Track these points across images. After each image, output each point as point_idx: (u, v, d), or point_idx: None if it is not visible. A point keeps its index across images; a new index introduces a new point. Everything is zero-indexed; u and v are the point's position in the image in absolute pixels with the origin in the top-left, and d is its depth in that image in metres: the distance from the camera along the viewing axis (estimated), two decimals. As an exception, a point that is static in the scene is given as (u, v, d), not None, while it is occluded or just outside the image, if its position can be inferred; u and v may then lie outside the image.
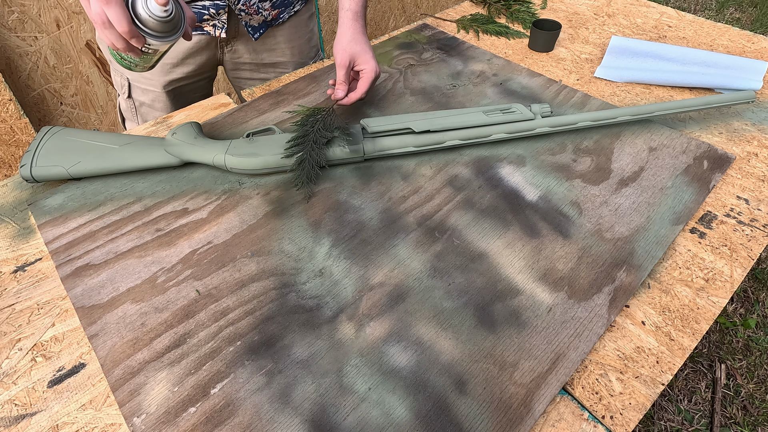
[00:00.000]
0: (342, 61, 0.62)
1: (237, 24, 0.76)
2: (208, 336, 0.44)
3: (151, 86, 0.78)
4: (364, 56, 0.62)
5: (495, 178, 0.59)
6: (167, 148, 0.59)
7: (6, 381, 0.41)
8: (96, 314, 0.45)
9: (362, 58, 0.62)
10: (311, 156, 0.57)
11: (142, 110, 0.81)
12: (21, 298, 0.48)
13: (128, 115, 0.83)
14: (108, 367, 0.41)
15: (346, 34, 0.62)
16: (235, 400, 0.39)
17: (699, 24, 0.91)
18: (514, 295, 0.47)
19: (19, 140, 1.17)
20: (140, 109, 0.81)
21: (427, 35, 0.88)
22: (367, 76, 0.63)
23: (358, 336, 0.44)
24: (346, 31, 0.63)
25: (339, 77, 0.62)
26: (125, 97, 0.80)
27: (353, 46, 0.62)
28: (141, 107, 0.81)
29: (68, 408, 0.40)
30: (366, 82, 0.63)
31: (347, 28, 0.63)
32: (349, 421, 0.38)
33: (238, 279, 0.48)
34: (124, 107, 0.83)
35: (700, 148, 0.63)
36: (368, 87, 0.63)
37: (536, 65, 0.81)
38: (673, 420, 1.07)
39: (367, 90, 0.63)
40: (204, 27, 0.74)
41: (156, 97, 0.79)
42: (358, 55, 0.62)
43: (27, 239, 0.53)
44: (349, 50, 0.62)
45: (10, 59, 1.15)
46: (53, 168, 0.57)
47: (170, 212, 0.55)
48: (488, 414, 0.39)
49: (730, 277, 0.50)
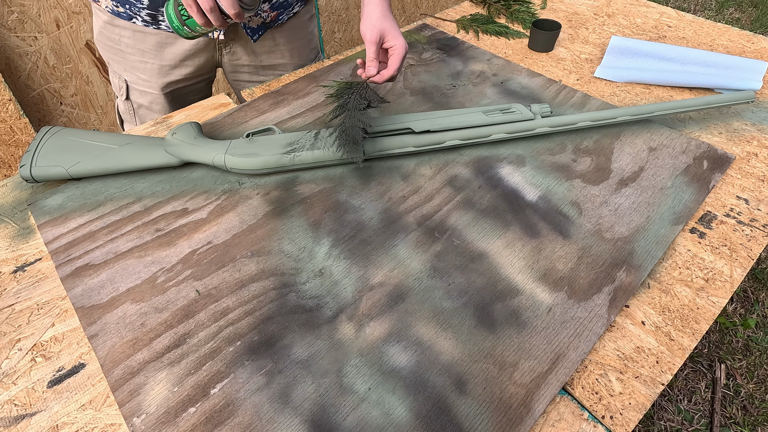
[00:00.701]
0: (372, 38, 0.61)
1: (235, 26, 0.76)
2: (207, 336, 0.44)
3: (150, 88, 0.78)
4: (393, 32, 0.62)
5: (495, 178, 0.59)
6: (167, 148, 0.59)
7: (6, 381, 0.41)
8: (96, 314, 0.45)
9: (392, 35, 0.62)
10: (352, 120, 0.57)
11: (140, 112, 0.81)
12: (21, 298, 0.48)
13: (126, 117, 0.83)
14: (108, 368, 0.41)
15: (375, 11, 0.62)
16: (235, 400, 0.39)
17: (699, 24, 0.91)
18: (513, 295, 0.47)
19: (19, 140, 1.17)
20: (138, 111, 0.81)
21: (427, 35, 0.88)
22: (398, 53, 0.62)
23: (357, 336, 0.44)
24: (375, 8, 0.62)
25: (369, 54, 0.61)
26: (123, 99, 0.80)
27: (383, 22, 0.61)
28: (139, 109, 0.81)
29: (68, 408, 0.40)
30: (398, 59, 0.62)
31: (375, 6, 0.62)
32: (349, 421, 0.38)
33: (237, 279, 0.48)
34: (122, 109, 0.82)
35: (699, 148, 0.63)
36: (400, 64, 0.62)
37: (536, 65, 0.81)
38: (673, 420, 1.07)
39: (399, 68, 0.62)
40: None
41: (154, 99, 0.79)
42: (387, 31, 0.61)
43: (27, 239, 0.53)
44: (379, 26, 0.61)
45: (9, 59, 1.15)
46: (53, 168, 0.57)
47: (170, 212, 0.55)
48: (488, 414, 0.39)
49: (729, 277, 0.50)
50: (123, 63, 0.76)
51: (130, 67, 0.76)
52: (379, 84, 0.66)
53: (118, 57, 0.75)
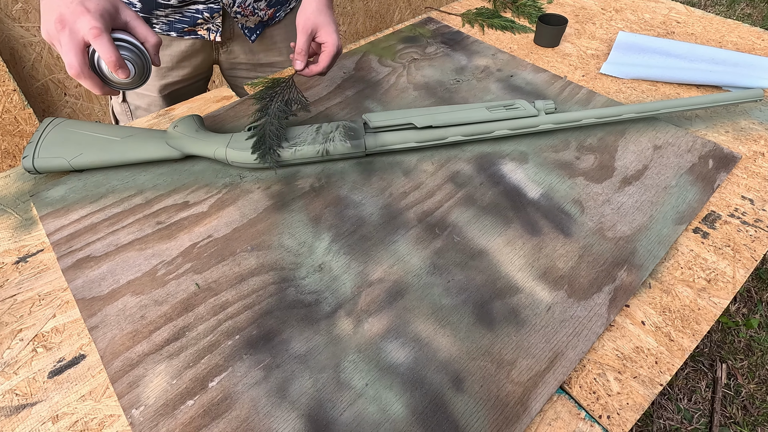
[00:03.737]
0: (304, 28, 0.61)
1: (232, 26, 0.75)
2: (207, 329, 0.44)
3: (147, 91, 0.77)
4: (327, 29, 0.61)
5: (497, 175, 0.59)
6: (168, 140, 0.59)
7: (7, 371, 0.42)
8: (96, 306, 0.46)
9: (325, 31, 0.61)
10: (269, 130, 0.57)
11: (137, 113, 0.81)
12: (23, 288, 0.48)
13: (122, 119, 0.82)
14: (107, 359, 0.42)
15: (312, 4, 0.61)
16: (233, 394, 0.40)
17: (708, 20, 0.90)
18: (513, 293, 0.47)
19: (23, 131, 1.18)
20: (135, 113, 0.81)
21: (432, 29, 0.87)
22: (329, 51, 0.61)
23: (356, 332, 0.44)
24: (312, 1, 0.62)
25: (299, 44, 0.61)
26: (120, 101, 0.80)
27: (317, 16, 0.61)
28: (137, 110, 0.80)
29: (68, 398, 0.40)
30: (327, 57, 0.61)
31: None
32: (346, 417, 0.38)
33: (237, 273, 0.48)
34: (118, 111, 0.82)
35: (705, 146, 0.63)
36: (329, 62, 0.62)
37: (541, 61, 0.80)
38: (672, 419, 1.07)
39: (328, 65, 0.62)
40: (198, 31, 0.73)
41: (152, 102, 0.79)
42: (321, 26, 0.61)
43: (29, 230, 0.53)
44: (313, 19, 0.61)
45: (14, 49, 1.15)
46: (55, 159, 0.57)
47: (171, 205, 0.55)
48: (485, 412, 0.39)
49: (732, 278, 0.49)
50: None
51: None
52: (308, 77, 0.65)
53: None
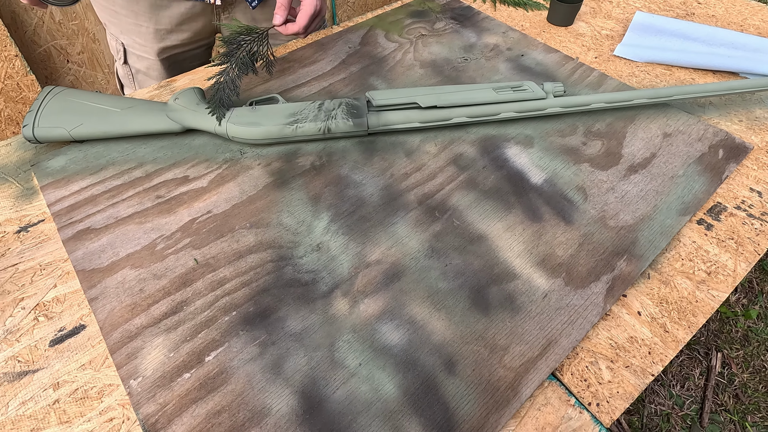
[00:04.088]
0: None
1: None
2: (204, 305, 0.44)
3: (146, 53, 0.76)
4: None
5: (501, 159, 0.58)
6: (169, 113, 0.58)
7: (10, 338, 0.43)
8: (96, 278, 0.46)
9: None
10: (230, 77, 0.56)
11: (138, 78, 0.80)
12: (24, 258, 0.48)
13: (126, 82, 0.81)
14: (107, 330, 0.43)
15: None
16: (229, 369, 0.40)
17: (731, 1, 0.86)
18: (510, 279, 0.47)
19: (26, 97, 1.17)
20: (137, 77, 0.80)
21: (441, 3, 0.84)
22: (306, 10, 0.59)
23: (351, 312, 0.44)
24: None
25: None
26: (122, 63, 0.79)
27: None
28: (138, 74, 0.79)
29: (68, 367, 0.41)
30: (305, 16, 0.60)
31: None
32: (338, 395, 0.39)
33: (236, 250, 0.48)
34: (121, 74, 0.81)
35: (717, 136, 0.61)
36: (307, 21, 0.60)
37: (553, 40, 0.77)
38: (664, 404, 1.09)
39: (306, 26, 0.60)
40: None
41: (151, 65, 0.77)
42: None
43: (30, 200, 0.53)
44: None
45: (15, 14, 1.12)
46: (55, 129, 0.56)
47: (171, 179, 0.55)
48: (475, 395, 0.39)
49: (733, 271, 0.49)
50: (119, 25, 0.74)
51: (126, 29, 0.74)
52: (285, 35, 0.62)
53: (113, 18, 0.73)
